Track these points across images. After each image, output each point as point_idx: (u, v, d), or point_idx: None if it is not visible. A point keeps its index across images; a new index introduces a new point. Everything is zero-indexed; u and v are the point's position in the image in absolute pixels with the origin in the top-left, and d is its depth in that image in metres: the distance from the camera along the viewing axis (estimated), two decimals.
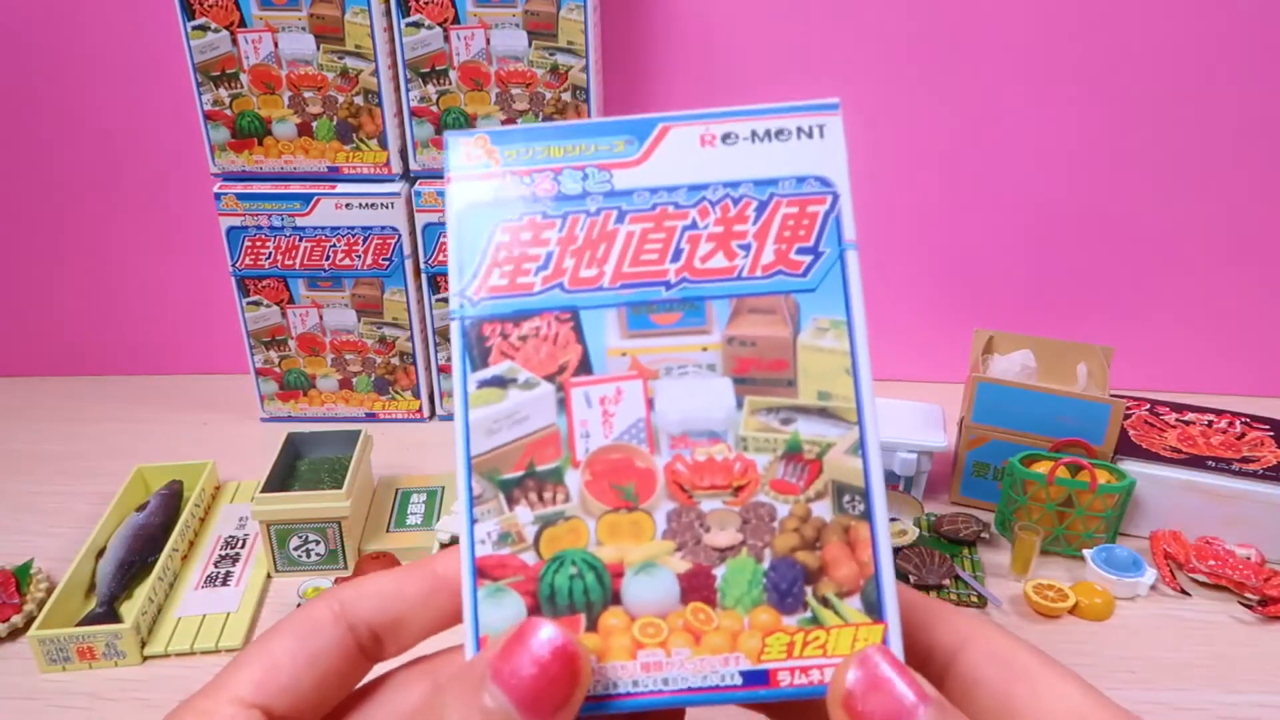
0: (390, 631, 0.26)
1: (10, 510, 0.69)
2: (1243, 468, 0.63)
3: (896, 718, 0.21)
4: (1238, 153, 0.75)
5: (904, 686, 0.21)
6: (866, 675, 0.22)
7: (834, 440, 0.24)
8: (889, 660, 0.22)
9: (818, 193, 0.25)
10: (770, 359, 0.24)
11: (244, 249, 0.73)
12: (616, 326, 0.25)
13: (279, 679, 0.24)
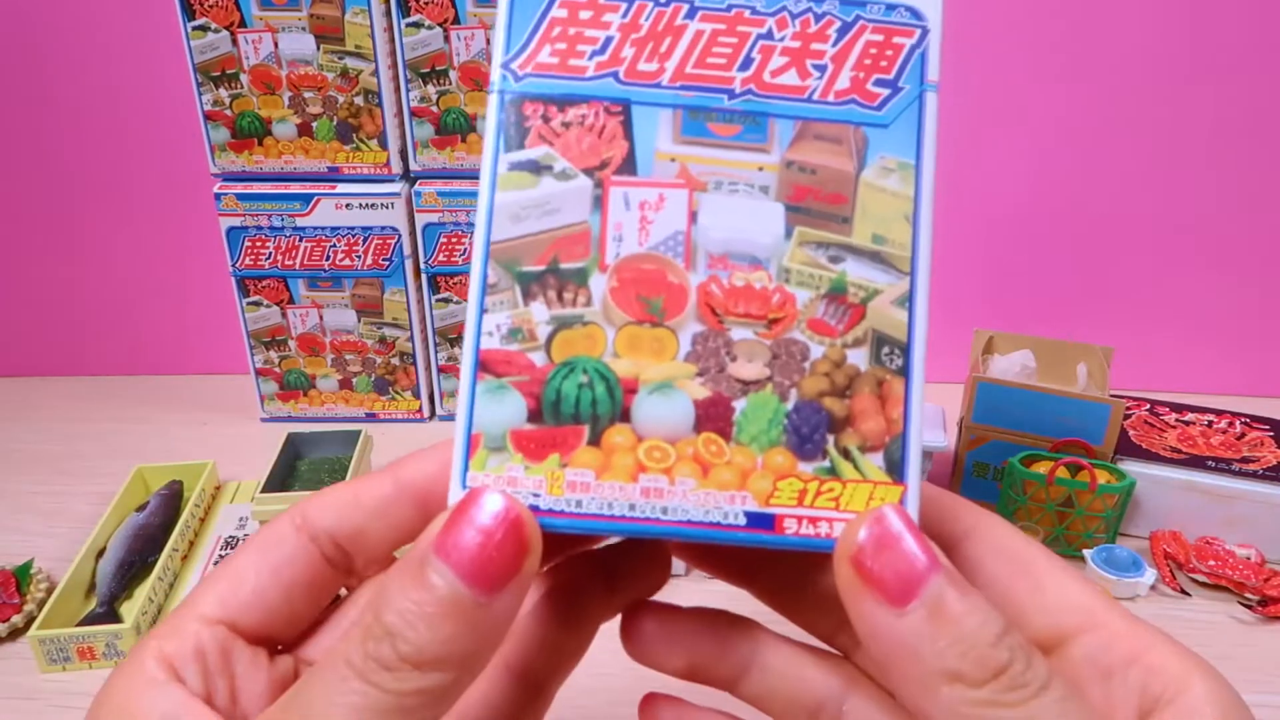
0: (353, 542, 0.25)
1: (10, 510, 0.69)
2: (1243, 468, 0.63)
3: (906, 580, 0.20)
4: (1237, 152, 0.75)
5: (917, 549, 0.20)
6: (879, 533, 0.20)
7: (882, 287, 0.22)
8: (904, 520, 0.21)
9: (907, 24, 0.23)
10: (829, 191, 0.23)
11: (244, 249, 0.73)
12: (670, 129, 0.23)
13: (243, 593, 0.24)
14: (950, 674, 0.19)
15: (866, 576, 0.20)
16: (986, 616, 0.19)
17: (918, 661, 0.20)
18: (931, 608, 0.20)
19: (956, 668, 0.19)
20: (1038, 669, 0.19)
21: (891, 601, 0.20)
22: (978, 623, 0.19)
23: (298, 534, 0.25)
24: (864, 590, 0.20)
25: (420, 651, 0.19)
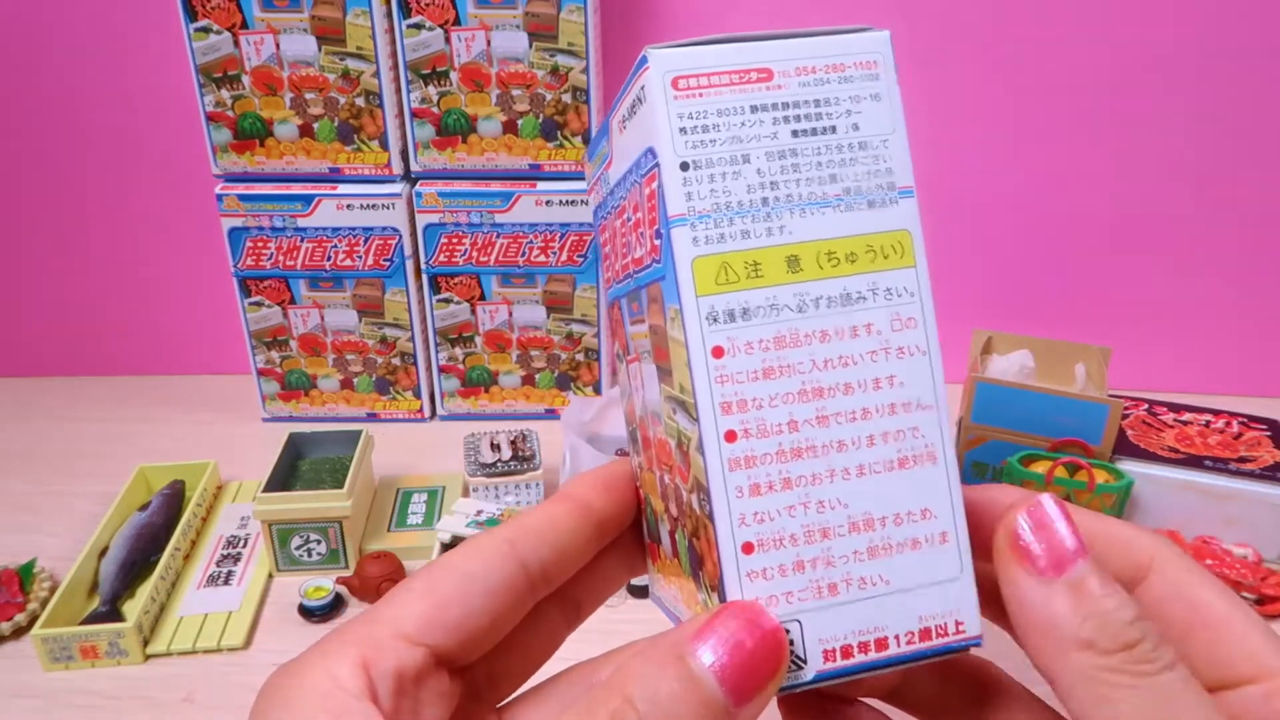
0: (555, 567, 0.25)
1: (13, 510, 0.69)
2: (1240, 467, 0.63)
3: (1056, 557, 0.21)
4: (1236, 152, 0.75)
5: (1069, 533, 0.22)
6: (1037, 515, 0.22)
7: (691, 434, 0.22)
8: (1061, 509, 0.22)
9: (650, 167, 0.22)
10: (661, 348, 0.23)
11: (245, 250, 0.73)
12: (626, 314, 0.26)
13: (447, 616, 0.23)
14: (1084, 642, 0.21)
15: (1021, 550, 0.22)
16: (1123, 601, 0.21)
17: (1055, 629, 0.21)
18: (1074, 585, 0.21)
19: (1091, 637, 0.21)
20: (1165, 651, 0.21)
21: (1040, 573, 0.21)
22: (1115, 604, 0.21)
23: (507, 559, 0.24)
24: (1016, 561, 0.22)
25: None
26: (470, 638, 0.23)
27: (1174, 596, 0.24)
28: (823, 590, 0.21)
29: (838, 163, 0.21)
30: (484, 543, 0.24)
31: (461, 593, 0.23)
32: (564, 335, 0.78)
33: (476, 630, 0.23)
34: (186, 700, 0.53)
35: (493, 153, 0.72)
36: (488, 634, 0.24)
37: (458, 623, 0.23)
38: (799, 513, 0.21)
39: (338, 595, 0.59)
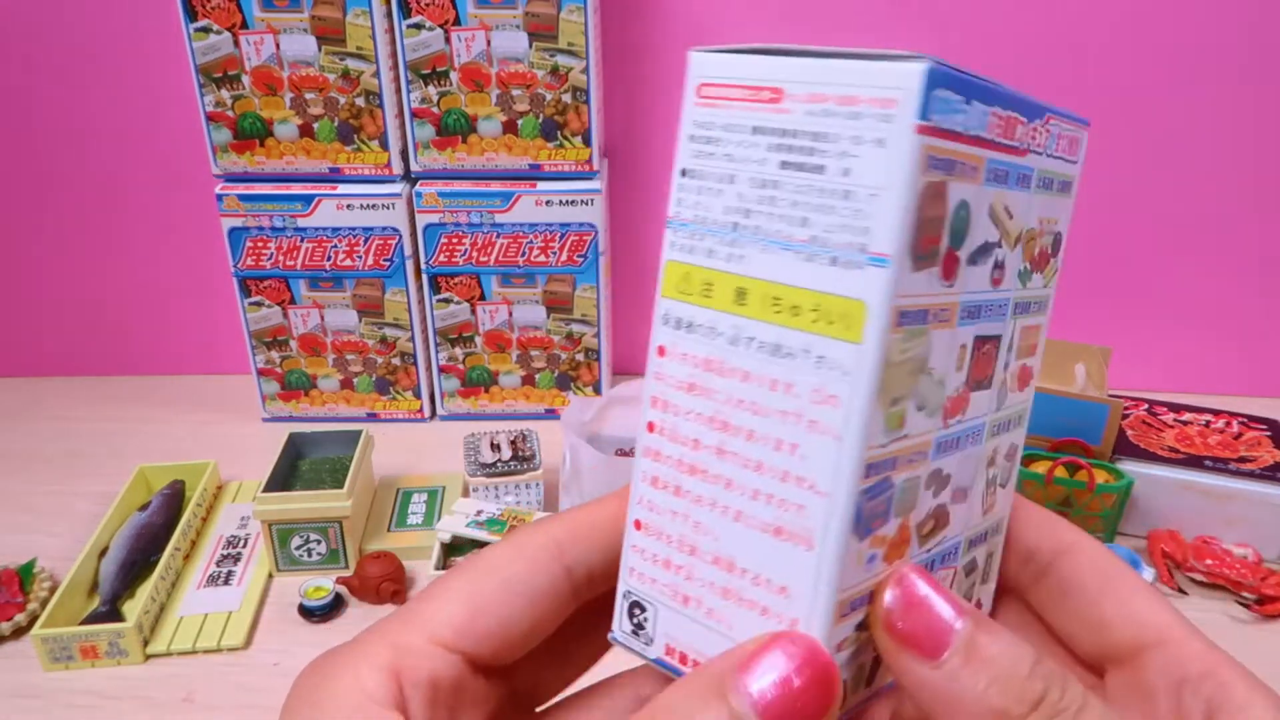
0: (604, 570, 0.24)
1: (13, 510, 0.69)
2: (1240, 467, 0.63)
3: (936, 633, 0.20)
4: (1236, 152, 0.75)
5: (942, 602, 0.21)
6: (904, 594, 0.21)
7: None
8: (925, 579, 0.21)
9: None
10: None
11: (245, 250, 0.73)
12: None
13: (485, 623, 0.22)
14: (995, 712, 0.20)
15: (900, 636, 0.21)
16: (1017, 652, 0.20)
17: (962, 706, 0.20)
18: (965, 653, 0.20)
19: (1000, 705, 0.20)
20: (1072, 693, 0.20)
21: (927, 655, 0.20)
22: (1010, 660, 0.20)
23: (553, 562, 0.23)
24: (901, 649, 0.21)
25: None
26: (508, 644, 0.22)
27: (1088, 566, 0.25)
28: (677, 595, 0.22)
29: (813, 206, 0.19)
30: (530, 542, 0.23)
31: (502, 597, 0.22)
32: (564, 335, 0.78)
33: (515, 636, 0.22)
34: (186, 700, 0.53)
35: (493, 153, 0.72)
36: (527, 639, 0.23)
37: (496, 629, 0.22)
38: (678, 521, 0.21)
39: (338, 595, 0.59)
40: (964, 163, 0.20)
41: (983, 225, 0.21)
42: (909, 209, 0.19)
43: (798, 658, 0.19)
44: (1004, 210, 0.22)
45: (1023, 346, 0.25)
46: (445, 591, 0.22)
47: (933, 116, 0.19)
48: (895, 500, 0.21)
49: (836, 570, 0.20)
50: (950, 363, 0.21)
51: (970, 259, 0.21)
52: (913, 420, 0.21)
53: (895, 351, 0.20)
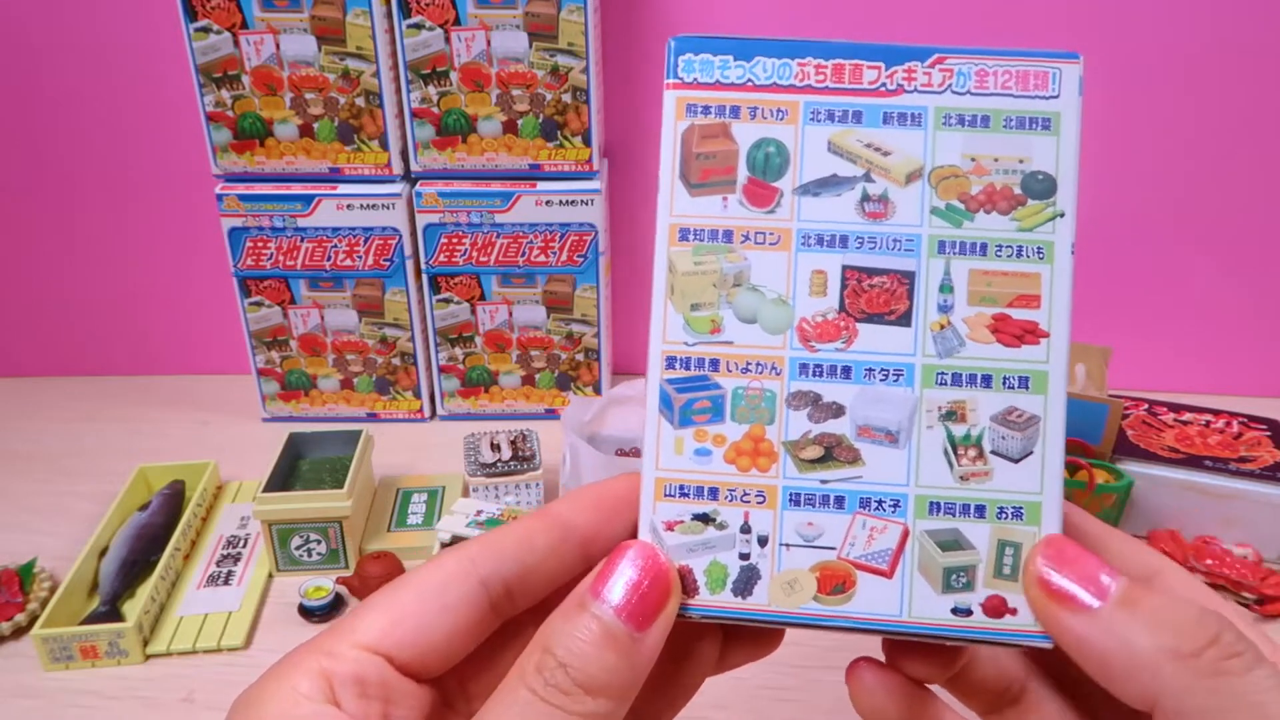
0: (520, 585, 0.26)
1: (13, 510, 0.70)
2: (1240, 467, 0.63)
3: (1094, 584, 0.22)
4: (1236, 152, 0.75)
5: (1093, 559, 0.22)
6: (1055, 553, 0.23)
7: None
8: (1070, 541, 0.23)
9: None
10: None
11: (245, 250, 0.73)
12: None
13: (404, 629, 0.24)
14: (1169, 651, 0.20)
15: (1061, 596, 0.22)
16: (1181, 602, 0.21)
17: (1132, 649, 0.21)
18: (1124, 601, 0.21)
19: (1173, 644, 0.20)
20: (1245, 639, 0.21)
21: (1084, 607, 0.22)
22: (1175, 607, 0.21)
23: (466, 577, 0.25)
24: (1058, 607, 0.22)
25: (591, 678, 0.22)
26: (429, 651, 0.24)
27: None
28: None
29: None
30: (446, 559, 0.25)
31: (417, 607, 0.24)
32: (564, 335, 0.78)
33: (434, 644, 0.25)
34: (186, 700, 0.53)
35: (493, 153, 0.72)
36: (447, 647, 0.25)
37: (413, 636, 0.24)
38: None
39: (338, 595, 0.59)
40: (759, 108, 0.24)
41: (818, 159, 0.24)
42: (669, 146, 0.24)
43: (636, 561, 0.23)
44: (863, 146, 0.24)
45: (988, 293, 0.24)
46: (370, 606, 0.25)
47: (682, 75, 0.25)
48: (730, 403, 0.24)
49: (651, 448, 0.24)
50: (797, 286, 0.24)
51: (805, 190, 0.24)
52: (735, 329, 0.24)
53: (685, 262, 0.24)
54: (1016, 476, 0.24)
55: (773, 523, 0.24)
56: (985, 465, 0.24)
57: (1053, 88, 0.24)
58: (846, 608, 0.24)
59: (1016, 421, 0.24)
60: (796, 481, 0.24)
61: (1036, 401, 0.24)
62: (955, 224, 0.24)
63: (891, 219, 0.24)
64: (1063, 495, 0.24)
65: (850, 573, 0.24)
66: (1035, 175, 0.24)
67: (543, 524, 0.26)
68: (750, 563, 0.24)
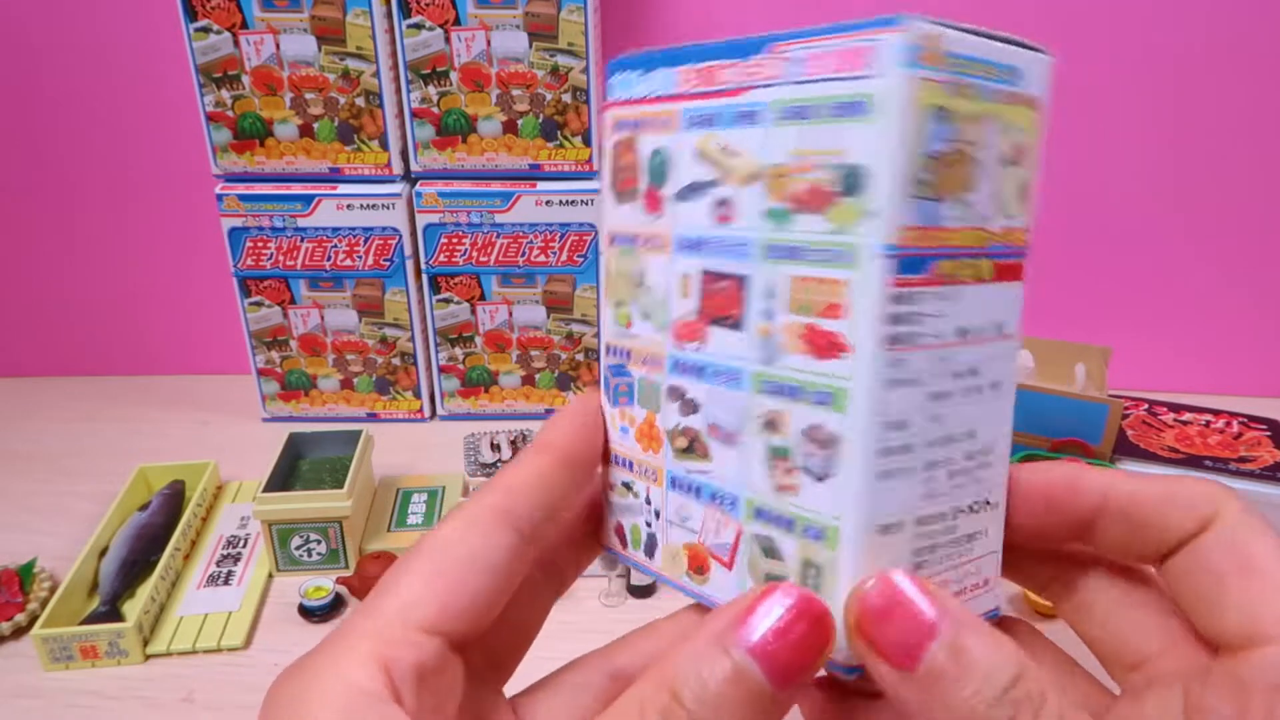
0: (548, 525, 0.24)
1: (13, 510, 0.69)
2: (1240, 467, 0.63)
3: (907, 647, 0.20)
4: (1236, 152, 0.75)
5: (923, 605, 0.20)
6: (884, 595, 0.21)
7: None
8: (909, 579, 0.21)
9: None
10: None
11: (245, 250, 0.73)
12: None
13: (461, 603, 0.22)
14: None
15: (870, 639, 0.21)
16: (984, 677, 0.20)
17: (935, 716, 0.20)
18: (931, 677, 0.20)
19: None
20: (1047, 713, 0.20)
21: (895, 665, 0.20)
22: (975, 687, 0.20)
23: (502, 526, 0.23)
24: (871, 654, 0.21)
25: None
26: (480, 616, 0.22)
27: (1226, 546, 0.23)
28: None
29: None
30: (478, 514, 0.23)
31: (468, 573, 0.22)
32: (564, 335, 0.78)
33: (487, 608, 0.22)
34: (186, 700, 0.53)
35: (493, 153, 0.72)
36: (493, 608, 0.23)
37: (469, 606, 0.22)
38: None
39: (338, 595, 0.59)
40: (653, 119, 0.25)
41: (688, 166, 0.24)
42: (605, 159, 0.26)
43: (793, 607, 0.20)
44: (719, 149, 0.23)
45: (804, 301, 0.22)
46: (410, 577, 0.22)
47: (615, 94, 0.26)
48: (637, 390, 0.26)
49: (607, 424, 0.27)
50: (672, 286, 0.25)
51: (679, 196, 0.24)
52: (639, 325, 0.26)
53: (612, 264, 0.26)
54: (819, 496, 0.22)
55: (661, 499, 0.26)
56: (794, 480, 0.22)
57: (869, 66, 0.20)
58: (703, 589, 0.25)
59: (817, 438, 0.22)
60: (673, 467, 0.25)
61: (835, 420, 0.21)
62: (780, 226, 0.22)
63: (734, 223, 0.23)
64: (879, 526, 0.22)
65: (706, 557, 0.25)
66: (847, 169, 0.21)
67: (550, 457, 0.25)
68: (651, 530, 0.26)
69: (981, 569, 0.24)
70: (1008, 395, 0.24)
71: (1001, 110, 0.22)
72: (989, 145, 0.22)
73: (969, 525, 0.23)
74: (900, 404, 0.21)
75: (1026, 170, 0.23)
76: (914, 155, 0.20)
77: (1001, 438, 0.24)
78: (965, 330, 0.22)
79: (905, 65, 0.20)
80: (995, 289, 0.23)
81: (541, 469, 0.25)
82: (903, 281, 0.21)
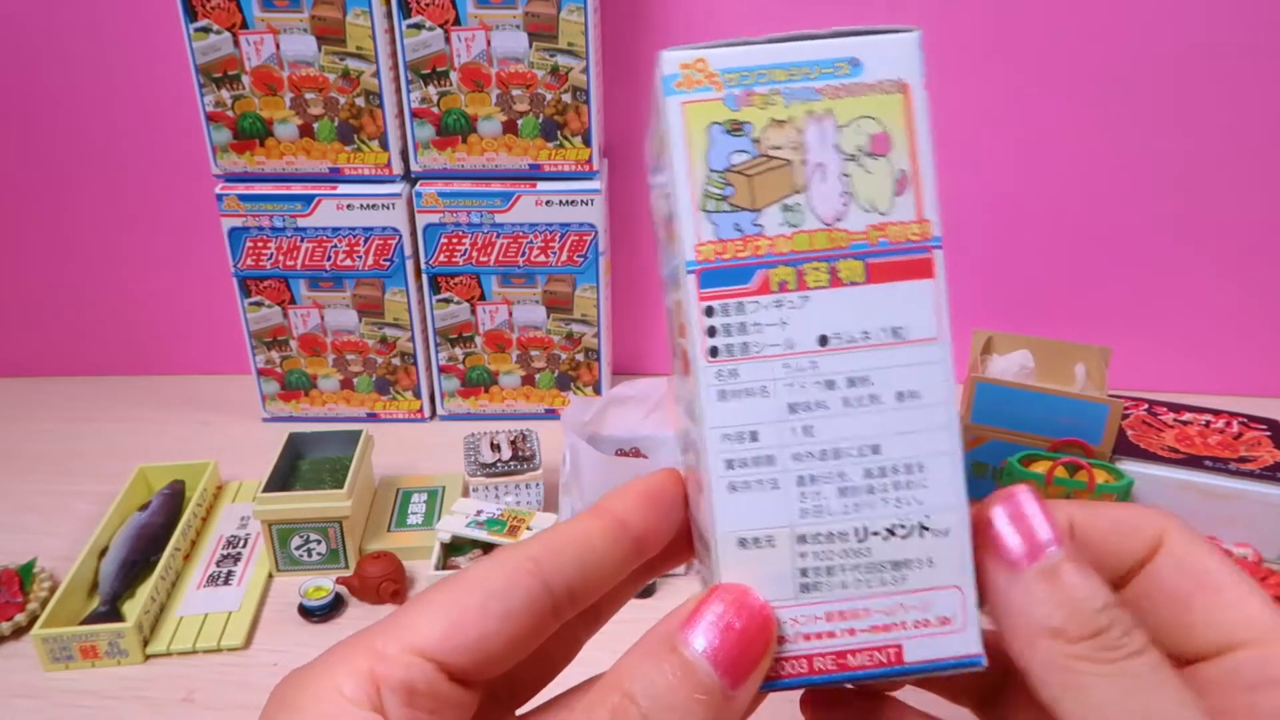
0: (582, 587, 0.24)
1: (13, 510, 0.70)
2: (1240, 467, 0.63)
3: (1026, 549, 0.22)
4: (1236, 151, 0.75)
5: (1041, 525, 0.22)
6: (1011, 508, 0.23)
7: None
8: (1034, 497, 0.23)
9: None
10: None
11: (245, 250, 0.73)
12: None
13: (464, 635, 0.22)
14: (1053, 630, 0.21)
15: (993, 542, 0.22)
16: (1094, 589, 0.21)
17: (1026, 617, 0.22)
18: (1047, 574, 0.22)
19: (1060, 625, 0.21)
20: (1135, 638, 0.21)
21: (1013, 564, 0.22)
22: (1086, 592, 0.21)
23: (531, 578, 0.23)
24: (990, 553, 0.23)
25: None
26: (488, 659, 0.23)
27: (1178, 568, 0.24)
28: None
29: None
30: (509, 559, 0.24)
31: (480, 612, 0.23)
32: (564, 335, 0.78)
33: (494, 651, 0.23)
34: (186, 700, 0.53)
35: (493, 153, 0.72)
36: (506, 654, 0.23)
37: (474, 643, 0.22)
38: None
39: (338, 595, 0.59)
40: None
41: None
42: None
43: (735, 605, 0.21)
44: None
45: (674, 324, 0.24)
46: (426, 604, 0.23)
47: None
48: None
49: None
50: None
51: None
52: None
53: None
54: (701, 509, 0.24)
55: None
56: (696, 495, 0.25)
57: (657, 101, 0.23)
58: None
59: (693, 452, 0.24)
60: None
61: (696, 433, 0.23)
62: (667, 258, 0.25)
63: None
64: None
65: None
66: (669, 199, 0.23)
67: (600, 523, 0.25)
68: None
69: (932, 605, 0.22)
70: (934, 406, 0.22)
71: (835, 105, 0.21)
72: (820, 144, 0.21)
73: (892, 552, 0.22)
74: (742, 415, 0.21)
75: (897, 160, 0.22)
76: (698, 173, 0.21)
77: (935, 456, 0.22)
78: (828, 337, 0.21)
79: (667, 94, 0.21)
80: (875, 291, 0.22)
81: (587, 533, 0.25)
82: (713, 294, 0.21)
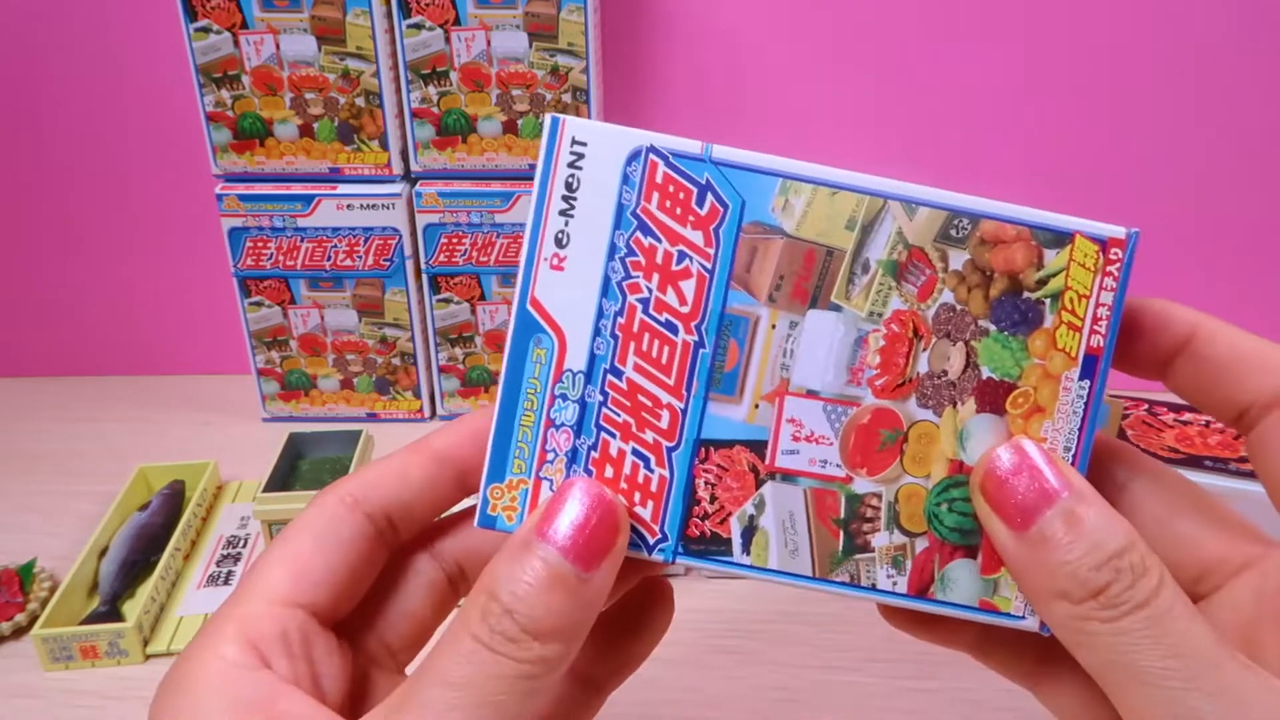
0: (402, 516, 0.27)
1: (13, 510, 0.69)
2: (1240, 467, 0.63)
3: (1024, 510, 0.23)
4: (1236, 151, 0.75)
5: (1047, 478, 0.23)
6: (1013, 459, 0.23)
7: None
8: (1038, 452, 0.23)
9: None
10: None
11: (245, 250, 0.73)
12: None
13: (311, 576, 0.24)
14: (1059, 593, 0.22)
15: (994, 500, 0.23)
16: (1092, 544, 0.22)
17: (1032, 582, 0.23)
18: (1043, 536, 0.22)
19: (1064, 588, 0.22)
20: (1138, 590, 0.22)
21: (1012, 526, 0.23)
22: (1081, 551, 0.22)
23: (352, 513, 0.26)
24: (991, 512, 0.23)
25: (537, 622, 0.22)
26: (337, 591, 0.25)
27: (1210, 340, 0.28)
28: None
29: None
30: (326, 500, 0.26)
31: (315, 550, 0.25)
32: None
33: (340, 583, 0.25)
34: None
35: (493, 153, 0.72)
36: (351, 585, 0.25)
37: (321, 579, 0.24)
38: None
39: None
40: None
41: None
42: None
43: (582, 498, 0.23)
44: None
45: None
46: (266, 561, 0.25)
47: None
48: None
49: None
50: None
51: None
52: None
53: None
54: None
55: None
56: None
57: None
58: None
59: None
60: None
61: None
62: None
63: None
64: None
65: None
66: None
67: (417, 457, 0.27)
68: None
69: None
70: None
71: None
72: None
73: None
74: None
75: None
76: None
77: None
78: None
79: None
80: None
81: (403, 467, 0.27)
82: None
